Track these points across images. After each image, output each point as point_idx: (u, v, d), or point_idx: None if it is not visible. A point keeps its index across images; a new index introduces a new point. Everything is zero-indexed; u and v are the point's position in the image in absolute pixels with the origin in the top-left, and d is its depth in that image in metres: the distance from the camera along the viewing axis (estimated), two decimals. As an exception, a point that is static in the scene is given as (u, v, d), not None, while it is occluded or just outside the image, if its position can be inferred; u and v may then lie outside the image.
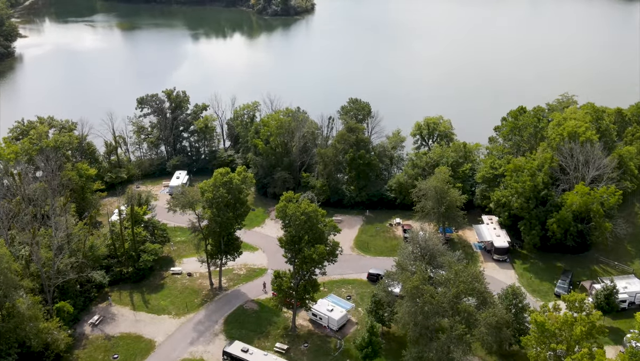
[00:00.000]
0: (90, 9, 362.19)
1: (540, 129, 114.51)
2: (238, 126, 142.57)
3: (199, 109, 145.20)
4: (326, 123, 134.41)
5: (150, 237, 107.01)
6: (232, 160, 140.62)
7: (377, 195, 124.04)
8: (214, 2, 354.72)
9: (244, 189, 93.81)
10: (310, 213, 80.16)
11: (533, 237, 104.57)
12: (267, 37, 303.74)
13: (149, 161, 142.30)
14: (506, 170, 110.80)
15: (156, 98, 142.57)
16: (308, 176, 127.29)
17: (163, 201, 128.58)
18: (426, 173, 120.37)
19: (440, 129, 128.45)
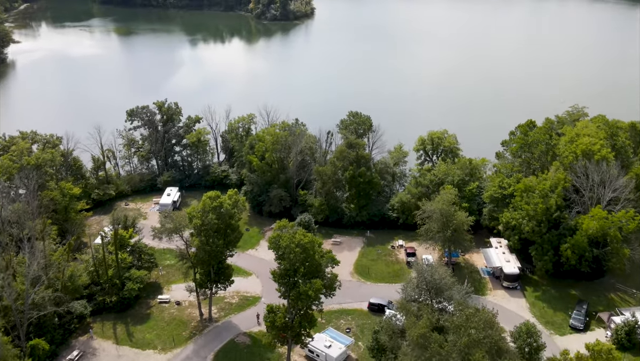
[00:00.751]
0: (86, 13, 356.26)
1: (551, 147, 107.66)
2: (233, 139, 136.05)
3: (191, 121, 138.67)
4: (325, 138, 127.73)
5: (136, 262, 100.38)
6: (226, 175, 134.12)
7: (379, 215, 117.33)
8: (212, 7, 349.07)
9: (236, 213, 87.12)
10: (306, 245, 73.35)
11: (545, 263, 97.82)
12: (265, 43, 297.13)
13: (139, 176, 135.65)
14: (516, 190, 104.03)
15: (147, 110, 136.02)
16: (305, 193, 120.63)
17: (153, 220, 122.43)
18: (430, 192, 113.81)
19: (445, 144, 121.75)
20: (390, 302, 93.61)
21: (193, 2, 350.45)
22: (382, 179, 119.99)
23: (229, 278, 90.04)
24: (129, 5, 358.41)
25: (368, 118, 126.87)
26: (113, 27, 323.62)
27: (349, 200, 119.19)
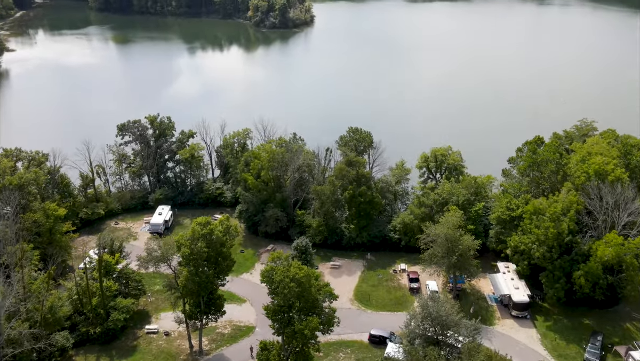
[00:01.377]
0: (83, 20, 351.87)
1: (562, 166, 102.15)
2: (228, 155, 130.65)
3: (185, 136, 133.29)
4: (323, 154, 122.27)
5: (123, 288, 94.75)
6: (221, 193, 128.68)
7: (380, 236, 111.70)
8: (210, 14, 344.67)
9: (228, 240, 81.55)
10: (302, 279, 67.76)
11: (557, 291, 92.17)
12: (263, 52, 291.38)
13: (130, 193, 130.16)
14: (524, 212, 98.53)
15: (139, 124, 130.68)
16: (303, 213, 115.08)
17: (143, 240, 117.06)
18: (434, 212, 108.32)
19: (449, 161, 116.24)
20: (392, 334, 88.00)
21: (191, 10, 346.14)
22: (384, 198, 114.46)
23: (221, 309, 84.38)
24: (127, 13, 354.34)
25: (368, 134, 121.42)
26: (110, 35, 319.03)
27: (348, 220, 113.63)
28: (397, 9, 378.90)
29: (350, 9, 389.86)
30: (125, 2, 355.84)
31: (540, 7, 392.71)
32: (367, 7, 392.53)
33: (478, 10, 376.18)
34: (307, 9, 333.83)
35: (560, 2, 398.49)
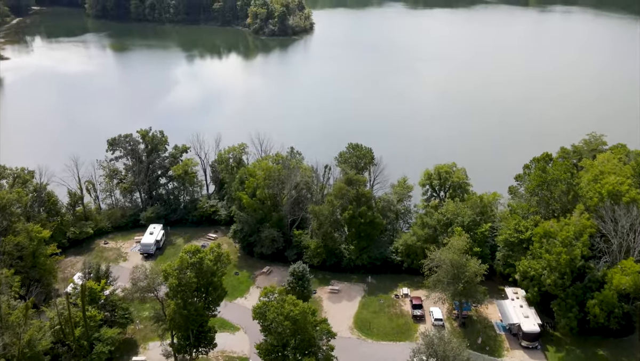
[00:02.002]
0: (80, 28, 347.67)
1: (573, 186, 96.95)
2: (222, 171, 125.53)
3: (178, 151, 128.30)
4: (322, 172, 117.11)
5: (109, 316, 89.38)
6: (215, 211, 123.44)
7: (381, 258, 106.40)
8: (208, 21, 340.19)
9: (219, 269, 76.34)
10: (297, 316, 62.49)
11: (570, 320, 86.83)
12: (262, 60, 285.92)
13: (121, 211, 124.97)
14: (534, 235, 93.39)
15: (130, 139, 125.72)
16: (301, 233, 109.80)
17: (133, 261, 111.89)
18: (438, 233, 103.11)
19: (454, 179, 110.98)
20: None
21: (189, 17, 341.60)
22: (385, 217, 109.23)
23: (212, 342, 79.06)
24: (124, 20, 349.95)
25: (369, 151, 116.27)
26: (107, 42, 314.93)
27: (348, 241, 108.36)
28: (397, 16, 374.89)
29: (350, 16, 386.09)
30: (123, 9, 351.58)
31: (541, 13, 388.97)
32: (367, 14, 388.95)
33: (478, 18, 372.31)
34: (307, 16, 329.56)
35: (561, 10, 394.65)
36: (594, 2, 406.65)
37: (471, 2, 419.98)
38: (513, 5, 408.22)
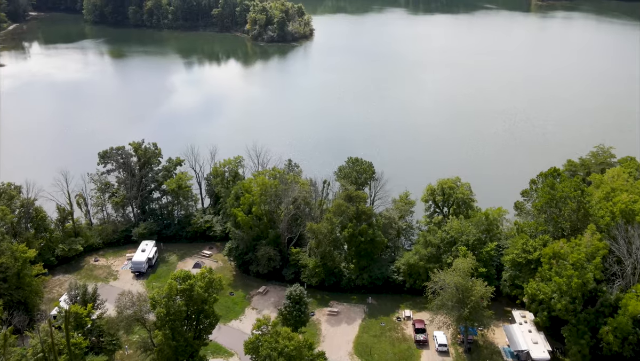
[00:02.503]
0: (78, 33, 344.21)
1: (584, 204, 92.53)
2: (218, 184, 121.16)
3: (172, 164, 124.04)
4: (320, 186, 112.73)
5: (96, 341, 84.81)
6: (210, 227, 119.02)
7: (382, 278, 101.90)
8: (207, 27, 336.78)
9: (210, 295, 71.88)
10: (292, 353, 58.04)
11: (582, 347, 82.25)
12: (260, 68, 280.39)
13: (113, 226, 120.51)
14: (542, 255, 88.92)
15: (122, 152, 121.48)
16: (298, 252, 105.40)
17: (124, 280, 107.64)
18: (442, 252, 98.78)
19: (457, 194, 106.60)
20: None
21: (188, 23, 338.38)
22: (386, 235, 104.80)
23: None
24: (122, 26, 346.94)
25: (369, 166, 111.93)
26: (104, 49, 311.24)
27: (347, 259, 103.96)
28: (398, 21, 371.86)
29: (350, 22, 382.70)
30: (121, 15, 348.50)
31: (543, 19, 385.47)
32: (367, 20, 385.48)
33: (479, 23, 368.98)
34: (307, 22, 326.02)
35: (563, 15, 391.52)
36: (595, 8, 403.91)
37: (472, 7, 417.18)
38: (514, 11, 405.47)
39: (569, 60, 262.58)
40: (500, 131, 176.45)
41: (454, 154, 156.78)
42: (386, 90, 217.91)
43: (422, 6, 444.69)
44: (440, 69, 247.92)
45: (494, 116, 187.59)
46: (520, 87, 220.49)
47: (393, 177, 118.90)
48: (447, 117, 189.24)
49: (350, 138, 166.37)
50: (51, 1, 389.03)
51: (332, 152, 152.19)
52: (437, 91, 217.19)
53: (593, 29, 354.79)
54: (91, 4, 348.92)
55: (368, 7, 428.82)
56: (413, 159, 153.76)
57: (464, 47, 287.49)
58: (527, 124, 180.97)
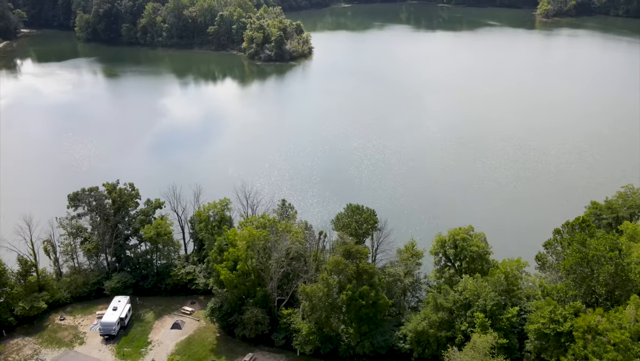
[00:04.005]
0: (70, 51, 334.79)
1: (623, 266, 79.55)
2: (202, 230, 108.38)
3: (151, 207, 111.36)
4: (316, 235, 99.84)
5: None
6: (193, 279, 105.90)
7: (386, 346, 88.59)
8: (203, 45, 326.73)
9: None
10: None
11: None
12: (255, 90, 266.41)
13: (83, 278, 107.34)
14: (574, 328, 75.76)
15: (95, 193, 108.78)
16: (290, 313, 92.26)
17: (91, 345, 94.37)
18: (454, 316, 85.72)
19: (472, 247, 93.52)
20: None
21: (182, 41, 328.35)
22: (390, 293, 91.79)
23: None
24: (115, 44, 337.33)
25: (372, 214, 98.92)
26: (95, 68, 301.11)
27: (346, 323, 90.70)
28: (399, 39, 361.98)
29: (350, 39, 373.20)
30: (114, 32, 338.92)
31: (548, 37, 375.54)
32: (367, 37, 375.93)
33: (483, 41, 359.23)
34: (305, 41, 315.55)
35: (568, 33, 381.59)
36: (601, 25, 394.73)
37: (475, 24, 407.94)
38: (518, 28, 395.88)
39: (580, 82, 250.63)
40: (511, 165, 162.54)
41: (462, 195, 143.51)
42: (388, 118, 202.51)
43: (423, 22, 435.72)
44: (444, 92, 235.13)
45: (504, 147, 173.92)
46: (530, 113, 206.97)
47: (397, 221, 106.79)
48: (453, 150, 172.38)
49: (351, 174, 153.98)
50: (44, 17, 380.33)
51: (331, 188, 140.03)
52: (441, 120, 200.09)
53: (601, 47, 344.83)
54: (83, 21, 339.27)
55: (369, 23, 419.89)
56: (417, 199, 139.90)
57: (467, 68, 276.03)
58: (542, 157, 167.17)
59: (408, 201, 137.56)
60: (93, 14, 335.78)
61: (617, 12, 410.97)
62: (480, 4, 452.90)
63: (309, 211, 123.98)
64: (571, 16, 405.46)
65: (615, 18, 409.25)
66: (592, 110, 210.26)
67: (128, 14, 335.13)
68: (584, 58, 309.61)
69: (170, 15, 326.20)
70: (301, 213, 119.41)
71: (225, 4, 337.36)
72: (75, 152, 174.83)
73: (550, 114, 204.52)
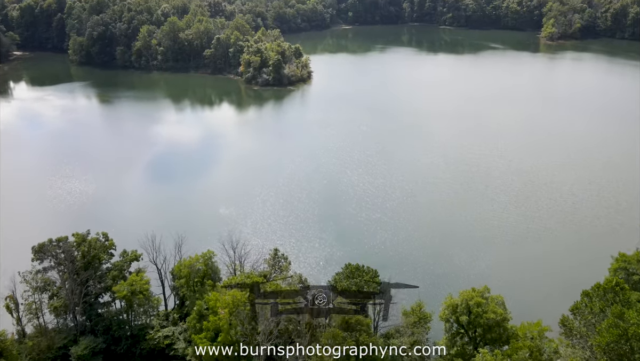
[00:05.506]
0: (63, 74, 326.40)
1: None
2: (182, 286, 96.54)
3: (127, 259, 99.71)
4: (311, 299, 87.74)
5: None
6: (171, 343, 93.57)
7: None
8: (198, 69, 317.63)
9: None
10: None
11: None
12: (251, 117, 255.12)
13: (48, 341, 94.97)
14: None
15: (64, 244, 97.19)
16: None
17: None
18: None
19: (489, 314, 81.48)
20: None
21: (178, 64, 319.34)
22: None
23: None
24: (109, 67, 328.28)
25: (374, 275, 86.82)
26: (87, 93, 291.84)
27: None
28: (400, 62, 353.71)
29: (350, 62, 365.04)
30: (108, 55, 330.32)
31: (554, 61, 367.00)
32: (368, 60, 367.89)
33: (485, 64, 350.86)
34: (304, 65, 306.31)
35: (574, 56, 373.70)
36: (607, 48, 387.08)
37: (477, 47, 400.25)
38: (522, 51, 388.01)
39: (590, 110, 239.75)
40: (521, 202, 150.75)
41: (468, 237, 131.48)
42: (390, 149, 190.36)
43: (425, 45, 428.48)
44: (448, 121, 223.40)
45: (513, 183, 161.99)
46: (538, 144, 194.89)
47: (400, 273, 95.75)
48: (458, 186, 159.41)
49: (350, 213, 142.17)
50: (37, 40, 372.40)
51: (329, 229, 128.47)
52: (446, 150, 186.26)
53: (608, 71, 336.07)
54: (77, 43, 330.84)
55: (370, 46, 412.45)
56: (421, 245, 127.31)
57: (471, 94, 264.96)
58: (555, 194, 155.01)
59: (411, 247, 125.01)
60: (87, 37, 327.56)
61: (622, 35, 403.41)
62: (482, 26, 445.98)
63: (304, 257, 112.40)
64: (576, 39, 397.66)
65: (620, 41, 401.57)
66: (606, 139, 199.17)
67: (123, 36, 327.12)
68: (592, 83, 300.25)
69: (165, 38, 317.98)
70: (295, 259, 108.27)
71: (222, 27, 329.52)
72: (49, 190, 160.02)
73: (560, 145, 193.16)
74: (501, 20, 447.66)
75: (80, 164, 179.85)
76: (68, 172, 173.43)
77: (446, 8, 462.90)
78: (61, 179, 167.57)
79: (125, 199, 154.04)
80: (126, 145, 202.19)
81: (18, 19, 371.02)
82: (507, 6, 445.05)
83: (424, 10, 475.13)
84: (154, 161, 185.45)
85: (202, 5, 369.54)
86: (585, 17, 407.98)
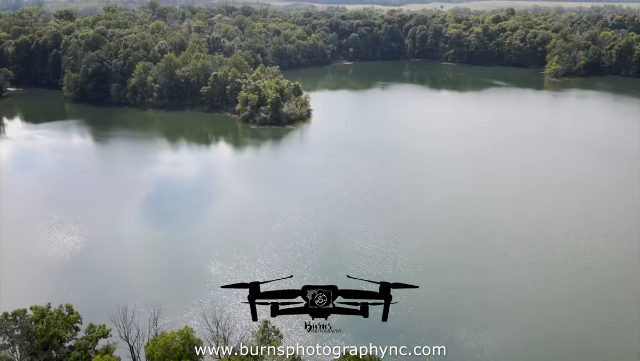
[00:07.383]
0: (57, 112, 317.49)
1: None
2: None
3: (93, 336, 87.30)
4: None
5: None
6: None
7: None
8: (195, 107, 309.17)
9: None
10: None
11: None
12: (248, 159, 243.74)
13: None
14: None
15: (21, 319, 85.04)
16: None
17: None
18: None
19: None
20: None
21: (174, 102, 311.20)
22: None
23: None
24: (104, 104, 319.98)
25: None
26: (81, 131, 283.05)
27: None
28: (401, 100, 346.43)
29: (351, 99, 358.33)
30: (103, 92, 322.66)
31: (558, 99, 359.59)
32: (369, 98, 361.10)
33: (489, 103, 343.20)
34: (304, 102, 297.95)
35: (577, 94, 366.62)
36: (613, 85, 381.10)
37: (480, 84, 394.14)
38: (526, 88, 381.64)
39: (601, 153, 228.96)
40: (537, 256, 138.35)
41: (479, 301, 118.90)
42: (392, 195, 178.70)
43: (427, 81, 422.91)
44: (453, 164, 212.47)
45: (527, 234, 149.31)
46: (550, 191, 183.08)
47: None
48: (467, 238, 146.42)
49: (349, 270, 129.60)
50: (32, 76, 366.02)
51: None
52: (451, 196, 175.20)
53: (614, 110, 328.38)
54: (71, 80, 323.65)
55: (371, 82, 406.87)
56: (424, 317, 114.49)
57: (476, 135, 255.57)
58: (571, 246, 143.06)
59: (413, 319, 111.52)
60: (82, 73, 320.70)
61: (628, 72, 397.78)
62: (485, 63, 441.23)
63: (299, 329, 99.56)
64: (581, 76, 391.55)
65: (625, 78, 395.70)
66: (623, 185, 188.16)
67: (118, 73, 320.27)
68: (599, 124, 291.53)
69: (161, 75, 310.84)
70: (288, 333, 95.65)
71: (219, 64, 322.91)
72: (18, 249, 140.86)
73: (572, 192, 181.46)
74: (504, 56, 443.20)
75: (61, 212, 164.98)
76: (45, 222, 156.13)
77: (448, 44, 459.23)
78: (38, 230, 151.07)
79: (102, 259, 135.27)
80: (114, 190, 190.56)
81: (13, 54, 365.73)
82: (510, 42, 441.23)
83: (425, 46, 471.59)
84: (141, 210, 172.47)
85: (200, 41, 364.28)
86: (589, 54, 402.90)
